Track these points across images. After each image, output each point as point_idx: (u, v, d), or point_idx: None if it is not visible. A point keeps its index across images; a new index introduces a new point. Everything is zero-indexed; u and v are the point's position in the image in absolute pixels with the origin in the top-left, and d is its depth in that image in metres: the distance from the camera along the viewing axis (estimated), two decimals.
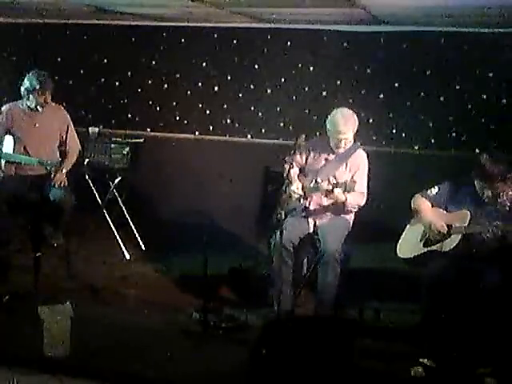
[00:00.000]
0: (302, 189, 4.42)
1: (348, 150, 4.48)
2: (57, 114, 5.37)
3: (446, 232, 3.96)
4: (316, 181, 4.44)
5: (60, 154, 5.40)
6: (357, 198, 4.39)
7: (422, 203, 4.15)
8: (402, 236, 4.24)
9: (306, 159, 4.61)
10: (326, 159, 4.54)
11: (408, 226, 4.26)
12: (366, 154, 4.53)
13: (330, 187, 4.26)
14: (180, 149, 6.35)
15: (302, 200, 4.47)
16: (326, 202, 4.45)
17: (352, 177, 4.39)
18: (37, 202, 5.03)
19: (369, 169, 4.52)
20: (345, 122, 4.36)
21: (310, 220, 4.50)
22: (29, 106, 5.21)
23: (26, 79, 5.16)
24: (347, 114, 4.40)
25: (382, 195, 5.19)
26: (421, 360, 3.74)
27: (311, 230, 4.48)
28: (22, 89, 5.17)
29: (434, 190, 4.13)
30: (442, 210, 4.10)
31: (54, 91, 5.26)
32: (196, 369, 3.66)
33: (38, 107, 5.18)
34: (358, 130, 4.45)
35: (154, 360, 3.72)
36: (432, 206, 4.12)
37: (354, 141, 4.49)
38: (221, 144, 6.29)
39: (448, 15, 4.87)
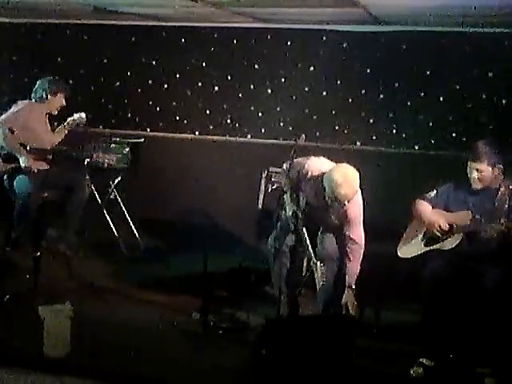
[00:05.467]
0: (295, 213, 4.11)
1: None
2: None
3: (447, 229, 3.97)
4: (307, 203, 4.26)
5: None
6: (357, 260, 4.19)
7: (422, 206, 4.15)
8: (403, 237, 4.25)
9: (296, 181, 4.23)
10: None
11: (409, 227, 4.26)
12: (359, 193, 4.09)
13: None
14: (180, 149, 6.34)
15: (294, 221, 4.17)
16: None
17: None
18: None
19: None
20: (347, 187, 3.87)
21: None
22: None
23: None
24: (351, 176, 3.90)
25: (382, 195, 5.19)
26: (420, 360, 3.75)
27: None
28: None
29: (433, 193, 4.15)
30: (442, 210, 4.10)
31: None
32: (196, 369, 3.66)
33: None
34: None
35: (153, 360, 3.72)
36: (432, 208, 4.13)
37: None
38: (221, 144, 6.29)
39: (448, 15, 4.88)
